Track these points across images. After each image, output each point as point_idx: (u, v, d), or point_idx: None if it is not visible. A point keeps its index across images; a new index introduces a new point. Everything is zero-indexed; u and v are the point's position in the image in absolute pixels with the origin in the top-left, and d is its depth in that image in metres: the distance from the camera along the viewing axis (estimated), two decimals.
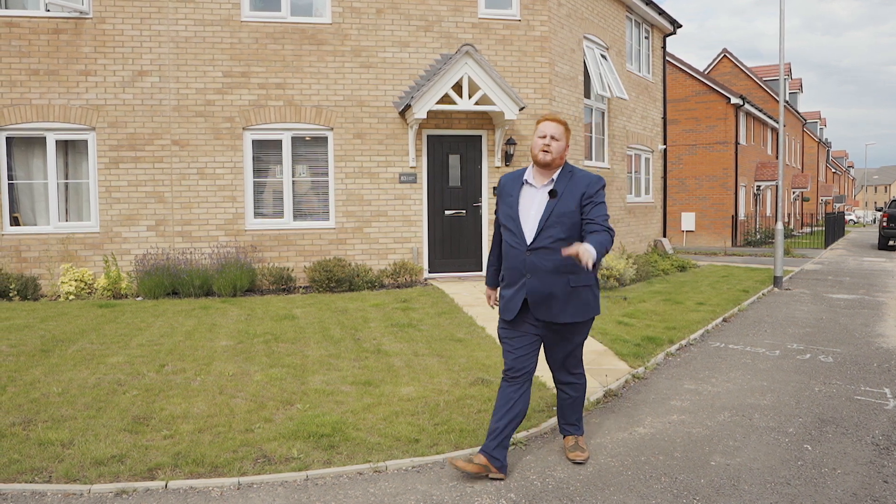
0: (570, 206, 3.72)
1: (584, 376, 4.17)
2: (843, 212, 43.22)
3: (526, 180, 3.89)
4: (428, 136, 11.85)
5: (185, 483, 3.72)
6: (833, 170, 63.38)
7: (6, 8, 10.57)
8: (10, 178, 10.63)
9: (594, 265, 3.52)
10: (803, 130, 44.31)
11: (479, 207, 12.12)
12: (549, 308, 3.77)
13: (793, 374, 6.32)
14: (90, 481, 3.71)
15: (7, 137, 10.57)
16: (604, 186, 3.84)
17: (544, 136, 3.79)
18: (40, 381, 5.47)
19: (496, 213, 4.02)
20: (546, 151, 3.78)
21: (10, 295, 9.76)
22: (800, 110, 42.86)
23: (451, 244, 12.04)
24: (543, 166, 3.80)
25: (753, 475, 3.98)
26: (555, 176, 3.83)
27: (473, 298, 9.76)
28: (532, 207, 3.80)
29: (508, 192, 3.93)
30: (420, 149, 11.77)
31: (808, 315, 9.66)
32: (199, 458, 3.99)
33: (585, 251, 3.38)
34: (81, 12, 10.59)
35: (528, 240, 3.74)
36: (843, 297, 11.59)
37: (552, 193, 3.75)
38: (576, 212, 3.72)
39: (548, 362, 4.08)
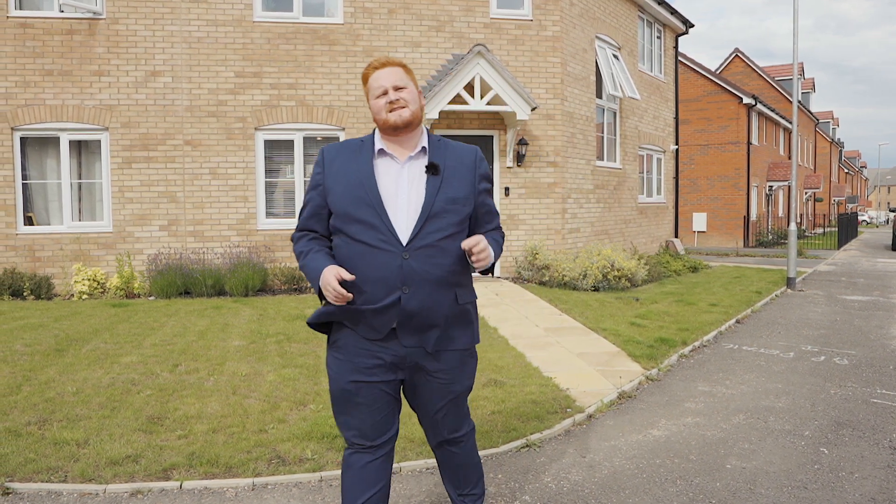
0: (461, 190, 2.63)
1: (472, 423, 2.97)
2: (856, 212, 42.92)
3: (382, 150, 2.63)
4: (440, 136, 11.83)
5: (199, 483, 3.73)
6: (846, 170, 62.96)
7: (20, 9, 10.64)
8: (24, 177, 10.70)
9: (486, 271, 2.70)
10: (816, 130, 44.03)
11: None
12: (430, 335, 2.60)
13: (808, 377, 6.27)
14: (105, 481, 3.72)
15: (21, 137, 10.63)
16: None
17: (385, 92, 2.58)
18: (55, 381, 5.50)
19: (310, 199, 2.69)
20: (399, 107, 2.57)
21: (24, 294, 9.83)
22: (812, 110, 42.62)
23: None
24: (402, 128, 2.59)
25: (770, 479, 3.95)
26: (424, 143, 2.65)
27: (485, 299, 9.75)
28: (401, 189, 2.57)
29: (346, 167, 2.61)
30: None
31: (822, 317, 9.59)
32: (214, 458, 4.00)
33: (487, 247, 2.54)
34: (95, 13, 10.64)
35: (405, 236, 2.52)
36: (857, 298, 11.50)
37: (432, 168, 2.57)
38: (469, 199, 2.65)
39: (419, 417, 2.86)
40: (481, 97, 11.23)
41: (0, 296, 9.74)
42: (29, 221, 10.76)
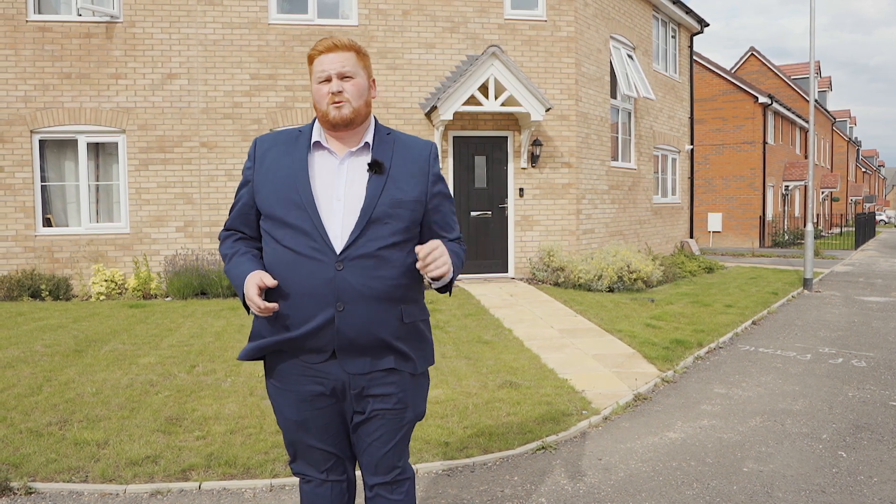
0: (410, 192, 2.27)
1: (413, 480, 2.46)
2: (874, 212, 42.53)
3: (319, 143, 2.29)
4: (454, 137, 11.85)
5: (218, 484, 3.76)
6: (863, 169, 62.39)
7: (40, 13, 10.75)
8: (42, 179, 10.81)
9: (444, 287, 2.29)
10: (832, 129, 43.66)
11: (505, 209, 12.10)
12: (375, 358, 2.25)
13: (825, 379, 6.23)
14: (126, 481, 3.76)
15: (40, 140, 10.74)
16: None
17: (328, 79, 2.22)
18: (75, 381, 5.56)
19: (239, 197, 2.37)
20: (340, 103, 2.21)
21: (43, 295, 9.93)
22: (829, 109, 42.27)
23: (477, 246, 12.03)
24: (341, 126, 2.24)
25: (787, 482, 3.93)
26: (368, 138, 2.30)
27: (500, 300, 9.75)
28: (338, 188, 2.24)
29: (278, 162, 2.28)
30: (446, 150, 11.78)
31: (839, 318, 9.51)
32: (232, 459, 4.03)
33: (442, 254, 2.13)
34: (112, 16, 10.74)
35: (339, 244, 2.18)
36: (875, 299, 11.40)
37: (375, 166, 2.24)
38: (419, 202, 2.29)
39: (358, 453, 2.39)
40: (495, 98, 11.23)
41: (20, 297, 9.86)
42: (48, 223, 10.87)
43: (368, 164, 2.24)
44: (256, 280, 2.13)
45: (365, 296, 2.17)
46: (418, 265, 2.13)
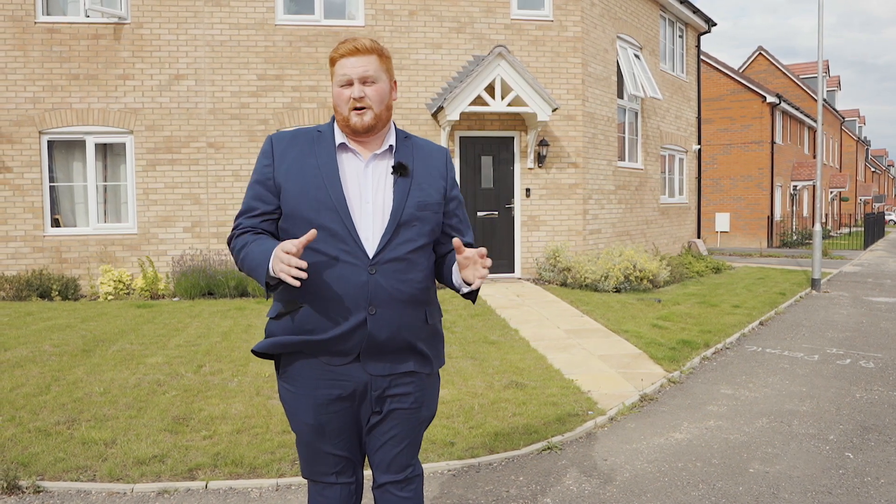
0: (432, 195, 2.28)
1: (422, 478, 2.44)
2: (883, 212, 42.31)
3: (344, 145, 2.26)
4: (460, 137, 11.86)
5: (224, 484, 3.78)
6: (872, 169, 62.08)
7: (48, 14, 10.81)
8: (51, 180, 10.87)
9: (473, 294, 2.27)
10: (841, 129, 43.45)
11: (512, 209, 12.10)
12: (399, 361, 2.26)
13: (833, 380, 6.21)
14: (133, 481, 3.79)
15: (48, 141, 10.80)
16: None
17: (350, 83, 2.19)
18: (83, 381, 5.59)
19: (254, 192, 2.28)
20: (362, 110, 2.20)
21: (52, 295, 9.98)
22: (837, 108, 42.06)
23: (484, 246, 11.98)
24: (363, 133, 2.23)
25: (793, 483, 3.92)
26: (391, 140, 2.29)
27: (507, 300, 9.75)
28: (365, 192, 2.22)
29: (302, 161, 2.24)
30: (453, 150, 11.78)
31: (847, 319, 9.47)
32: (238, 458, 4.05)
33: (485, 262, 2.12)
34: (120, 18, 10.79)
35: (371, 247, 2.17)
36: (884, 300, 11.35)
37: (400, 169, 2.24)
38: (440, 205, 2.30)
39: (369, 452, 2.37)
40: (502, 98, 11.23)
41: (29, 297, 9.91)
42: (56, 223, 10.93)
43: (393, 167, 2.24)
44: (286, 245, 1.99)
45: (396, 299, 2.18)
46: (478, 258, 2.10)
